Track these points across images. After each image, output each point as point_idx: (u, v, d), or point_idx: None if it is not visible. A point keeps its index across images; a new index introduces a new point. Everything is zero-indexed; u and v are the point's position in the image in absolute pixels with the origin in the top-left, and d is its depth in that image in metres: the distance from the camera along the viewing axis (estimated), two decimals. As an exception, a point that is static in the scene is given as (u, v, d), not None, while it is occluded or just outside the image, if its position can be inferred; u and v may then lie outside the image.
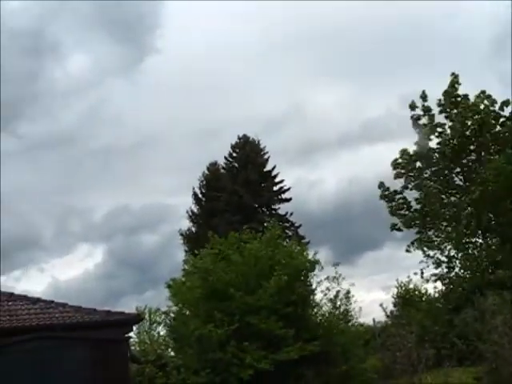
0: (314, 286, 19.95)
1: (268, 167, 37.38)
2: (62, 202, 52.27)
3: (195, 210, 38.12)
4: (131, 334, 18.98)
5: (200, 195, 38.26)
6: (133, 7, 43.45)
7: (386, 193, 26.39)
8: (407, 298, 27.35)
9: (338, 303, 19.93)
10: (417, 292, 27.68)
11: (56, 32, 46.53)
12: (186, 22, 46.43)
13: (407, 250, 26.47)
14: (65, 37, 50.28)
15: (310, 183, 53.39)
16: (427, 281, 25.84)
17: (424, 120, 26.17)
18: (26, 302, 15.16)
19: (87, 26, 46.70)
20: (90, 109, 49.35)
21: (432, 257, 25.60)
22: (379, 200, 26.66)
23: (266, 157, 37.53)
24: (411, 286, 27.88)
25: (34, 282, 49.94)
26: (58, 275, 66.29)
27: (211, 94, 46.76)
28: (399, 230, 26.65)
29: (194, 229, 37.38)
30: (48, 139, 46.63)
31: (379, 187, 26.55)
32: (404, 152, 26.33)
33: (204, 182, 38.31)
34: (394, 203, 26.25)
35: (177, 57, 44.84)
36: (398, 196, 26.46)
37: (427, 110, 26.18)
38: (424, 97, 26.13)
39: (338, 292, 19.86)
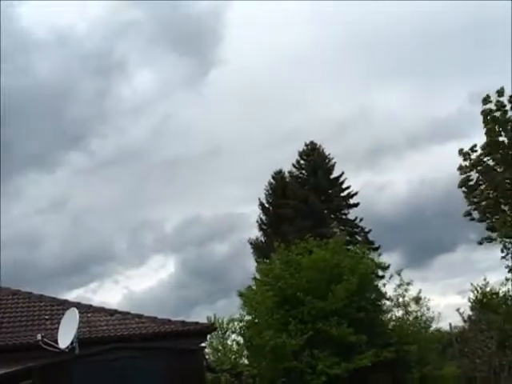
0: (383, 291, 19.74)
1: (335, 173, 37.23)
2: (134, 215, 53.81)
3: (264, 219, 38.35)
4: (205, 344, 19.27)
5: (266, 204, 38.48)
6: (196, 20, 44.24)
7: (467, 180, 25.45)
8: (485, 302, 26.38)
9: (410, 308, 19.60)
10: (494, 295, 26.66)
11: (122, 51, 47.99)
12: (250, 32, 46.77)
13: (480, 243, 25.53)
14: (130, 55, 51.77)
15: (379, 186, 52.58)
16: (507, 280, 24.85)
17: (497, 114, 25.23)
18: (103, 313, 15.66)
19: (151, 43, 47.95)
20: (157, 123, 50.65)
21: None
22: (457, 188, 25.77)
23: (332, 162, 37.40)
24: (488, 288, 26.89)
25: (109, 293, 51.69)
26: (133, 286, 68.05)
27: (276, 102, 46.86)
28: (473, 219, 25.77)
29: (262, 238, 37.58)
30: (118, 154, 48.20)
31: (459, 169, 25.69)
32: (461, 152, 25.50)
33: (270, 191, 38.52)
34: (475, 192, 25.29)
35: (241, 67, 45.29)
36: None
37: (502, 106, 25.27)
38: (501, 92, 25.24)
39: (409, 297, 19.54)
